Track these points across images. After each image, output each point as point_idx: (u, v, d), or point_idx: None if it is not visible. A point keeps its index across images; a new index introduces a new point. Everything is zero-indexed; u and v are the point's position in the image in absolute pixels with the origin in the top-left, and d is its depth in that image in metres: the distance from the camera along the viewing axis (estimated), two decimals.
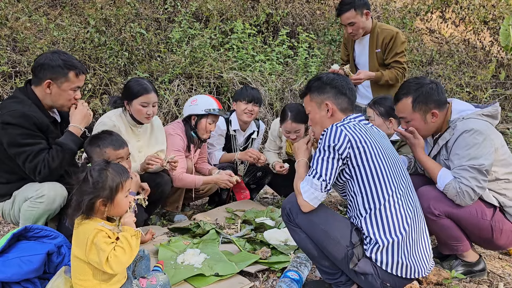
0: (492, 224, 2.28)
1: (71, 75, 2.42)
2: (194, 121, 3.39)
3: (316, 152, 2.01)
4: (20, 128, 2.29)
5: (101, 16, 6.06)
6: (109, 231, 1.82)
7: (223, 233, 2.93)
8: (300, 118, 3.37)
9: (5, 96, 5.26)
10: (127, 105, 3.01)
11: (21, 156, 2.32)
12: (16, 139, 2.30)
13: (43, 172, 2.32)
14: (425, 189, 2.35)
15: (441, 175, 2.31)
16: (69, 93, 2.45)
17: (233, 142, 3.83)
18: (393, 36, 3.66)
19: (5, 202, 2.50)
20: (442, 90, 2.40)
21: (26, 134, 2.30)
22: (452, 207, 2.28)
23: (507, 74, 8.14)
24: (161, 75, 5.81)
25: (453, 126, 2.33)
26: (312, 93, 2.18)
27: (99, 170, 1.85)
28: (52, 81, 2.40)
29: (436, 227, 2.34)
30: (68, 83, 2.42)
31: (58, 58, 2.40)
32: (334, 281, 2.11)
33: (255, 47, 6.62)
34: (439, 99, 2.38)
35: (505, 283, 2.44)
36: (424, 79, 2.44)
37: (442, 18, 9.33)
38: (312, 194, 1.97)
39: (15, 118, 2.29)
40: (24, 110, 2.33)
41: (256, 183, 4.00)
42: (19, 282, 2.00)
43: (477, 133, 2.23)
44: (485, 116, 2.34)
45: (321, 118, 2.15)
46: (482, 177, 2.20)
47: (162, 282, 1.94)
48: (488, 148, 2.22)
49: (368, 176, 1.94)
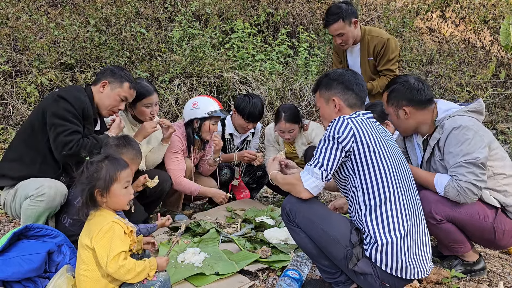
0: (494, 226, 2.26)
1: (125, 85, 2.74)
2: (197, 125, 3.37)
3: (320, 141, 2.04)
4: (70, 106, 2.50)
5: (101, 15, 6.07)
6: (124, 224, 1.90)
7: (223, 232, 2.93)
8: (293, 118, 3.52)
9: (5, 96, 5.28)
10: (129, 107, 3.06)
11: (58, 128, 2.46)
12: (63, 113, 2.48)
13: (74, 149, 2.46)
14: (427, 193, 2.32)
15: (437, 180, 2.29)
16: (117, 98, 2.72)
17: (228, 144, 3.83)
18: (384, 44, 3.61)
19: (8, 193, 2.53)
20: (424, 91, 2.37)
21: (73, 113, 2.51)
22: (454, 211, 2.25)
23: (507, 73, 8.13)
24: (161, 75, 5.82)
25: (441, 125, 2.33)
26: (321, 89, 2.23)
27: (96, 163, 1.93)
28: (108, 83, 2.71)
29: (437, 231, 2.32)
30: (120, 90, 2.72)
31: (121, 70, 2.78)
32: (334, 280, 2.11)
33: (256, 46, 6.62)
34: (415, 98, 2.36)
35: (505, 282, 2.44)
36: (410, 77, 2.43)
37: (442, 18, 9.32)
38: (313, 183, 1.99)
39: (70, 97, 2.52)
40: (81, 96, 2.59)
41: (256, 182, 4.00)
42: (19, 281, 2.01)
43: (466, 129, 2.23)
44: (471, 112, 2.35)
45: (330, 113, 2.19)
46: (479, 170, 2.18)
47: (162, 278, 1.95)
48: (480, 142, 2.21)
49: (370, 172, 1.94)
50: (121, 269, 1.80)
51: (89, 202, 1.89)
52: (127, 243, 1.89)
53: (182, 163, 3.31)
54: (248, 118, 3.56)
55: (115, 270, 1.80)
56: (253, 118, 3.58)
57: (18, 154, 2.54)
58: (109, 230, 1.84)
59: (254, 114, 3.56)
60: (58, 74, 5.38)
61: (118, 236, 1.85)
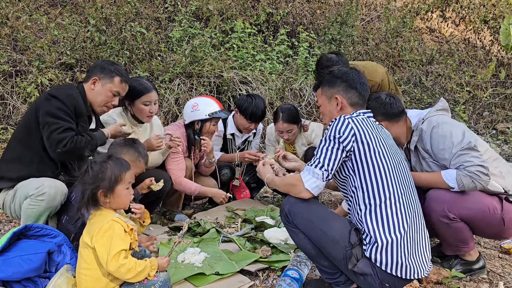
0: (503, 217, 2.28)
1: (116, 80, 2.67)
2: (198, 126, 3.36)
3: (321, 141, 2.04)
4: (62, 104, 2.49)
5: (101, 15, 6.06)
6: (124, 223, 1.90)
7: (223, 232, 2.93)
8: (291, 118, 3.54)
9: (5, 95, 5.27)
10: (129, 105, 3.03)
11: (52, 126, 2.45)
12: (55, 111, 2.47)
13: (68, 146, 2.43)
14: (437, 193, 2.31)
15: (445, 176, 2.28)
16: (109, 94, 2.67)
17: (230, 144, 3.83)
18: (379, 86, 3.61)
19: (7, 194, 2.52)
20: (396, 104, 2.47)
21: (64, 111, 2.49)
22: (467, 208, 2.25)
23: (507, 73, 8.13)
24: (161, 74, 5.82)
25: (416, 128, 2.44)
26: (323, 86, 2.22)
27: (100, 163, 1.93)
28: (98, 79, 2.66)
29: (448, 230, 2.32)
30: (111, 85, 2.67)
31: (111, 65, 2.72)
32: (334, 281, 2.11)
33: (256, 46, 6.62)
34: (388, 112, 2.46)
35: (505, 282, 2.44)
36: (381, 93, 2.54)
37: (443, 17, 9.33)
38: (314, 183, 1.99)
39: (61, 94, 2.51)
40: (72, 93, 2.58)
41: (257, 182, 4.00)
42: (19, 281, 2.01)
43: (443, 124, 2.33)
44: (440, 111, 2.48)
45: (331, 111, 2.19)
46: (477, 153, 2.23)
47: (163, 278, 1.95)
48: (461, 130, 2.30)
49: (370, 172, 1.94)
50: (121, 268, 1.80)
51: (91, 202, 1.90)
52: (127, 241, 1.89)
53: (182, 163, 3.31)
54: (250, 119, 3.56)
55: (116, 268, 1.80)
56: (256, 119, 3.59)
57: (16, 154, 2.53)
58: (109, 228, 1.85)
59: (257, 114, 3.56)
60: (58, 74, 5.38)
61: (118, 234, 1.85)
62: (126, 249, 1.86)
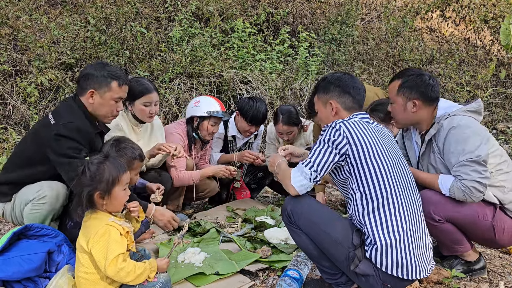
0: (493, 224, 2.26)
1: (113, 85, 2.41)
2: (196, 123, 3.38)
3: (316, 142, 2.05)
4: (73, 142, 2.31)
5: (101, 15, 6.06)
6: (119, 226, 1.88)
7: (223, 232, 2.93)
8: (291, 120, 3.53)
9: (5, 95, 5.27)
10: (129, 105, 3.03)
11: (65, 166, 2.31)
12: (65, 151, 2.30)
13: None
14: (428, 193, 2.31)
15: (441, 182, 2.28)
16: (111, 103, 2.44)
17: (231, 146, 3.82)
18: None
19: (6, 204, 2.50)
20: (436, 88, 2.38)
21: (75, 147, 2.32)
22: (453, 211, 2.25)
23: (508, 73, 8.13)
24: (161, 74, 5.81)
25: (438, 121, 2.34)
26: (318, 93, 2.24)
27: (97, 164, 1.91)
28: (95, 91, 2.40)
29: (437, 232, 2.32)
30: (111, 93, 2.42)
31: (101, 68, 2.41)
32: (335, 281, 2.11)
33: (256, 46, 6.61)
34: (426, 93, 2.35)
35: (505, 282, 2.44)
36: (424, 72, 2.43)
37: (443, 17, 9.32)
38: (300, 182, 2.01)
39: (70, 132, 2.31)
40: (79, 123, 2.35)
41: (257, 183, 4.00)
42: (19, 280, 2.01)
43: (464, 128, 2.23)
44: (470, 112, 2.35)
45: (327, 116, 2.20)
46: (482, 168, 2.18)
47: (163, 279, 1.95)
48: (479, 140, 2.21)
49: (366, 174, 1.95)
50: (120, 272, 1.80)
51: (87, 204, 1.87)
52: (124, 244, 1.88)
53: (183, 161, 3.31)
54: (251, 122, 3.54)
55: (115, 273, 1.79)
56: (256, 122, 3.55)
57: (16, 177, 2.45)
58: (105, 233, 1.83)
59: (257, 117, 3.53)
60: (58, 73, 5.38)
61: (114, 239, 1.83)
62: (123, 252, 1.84)
